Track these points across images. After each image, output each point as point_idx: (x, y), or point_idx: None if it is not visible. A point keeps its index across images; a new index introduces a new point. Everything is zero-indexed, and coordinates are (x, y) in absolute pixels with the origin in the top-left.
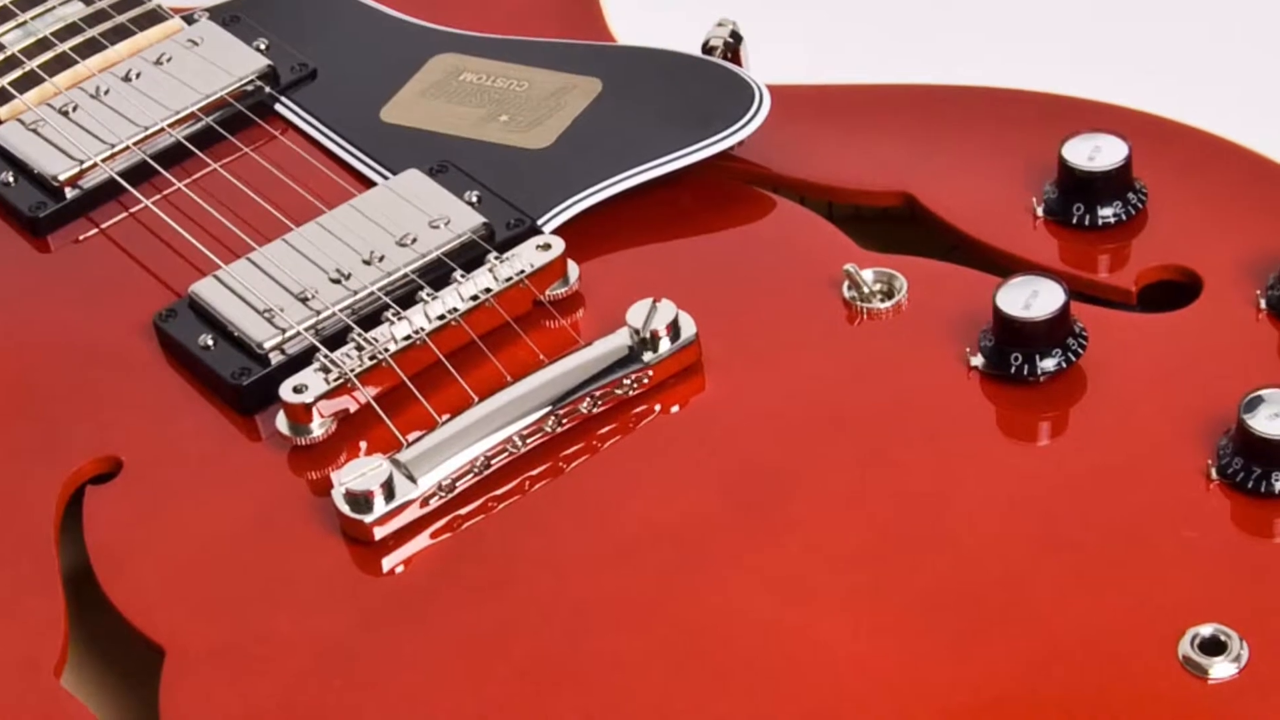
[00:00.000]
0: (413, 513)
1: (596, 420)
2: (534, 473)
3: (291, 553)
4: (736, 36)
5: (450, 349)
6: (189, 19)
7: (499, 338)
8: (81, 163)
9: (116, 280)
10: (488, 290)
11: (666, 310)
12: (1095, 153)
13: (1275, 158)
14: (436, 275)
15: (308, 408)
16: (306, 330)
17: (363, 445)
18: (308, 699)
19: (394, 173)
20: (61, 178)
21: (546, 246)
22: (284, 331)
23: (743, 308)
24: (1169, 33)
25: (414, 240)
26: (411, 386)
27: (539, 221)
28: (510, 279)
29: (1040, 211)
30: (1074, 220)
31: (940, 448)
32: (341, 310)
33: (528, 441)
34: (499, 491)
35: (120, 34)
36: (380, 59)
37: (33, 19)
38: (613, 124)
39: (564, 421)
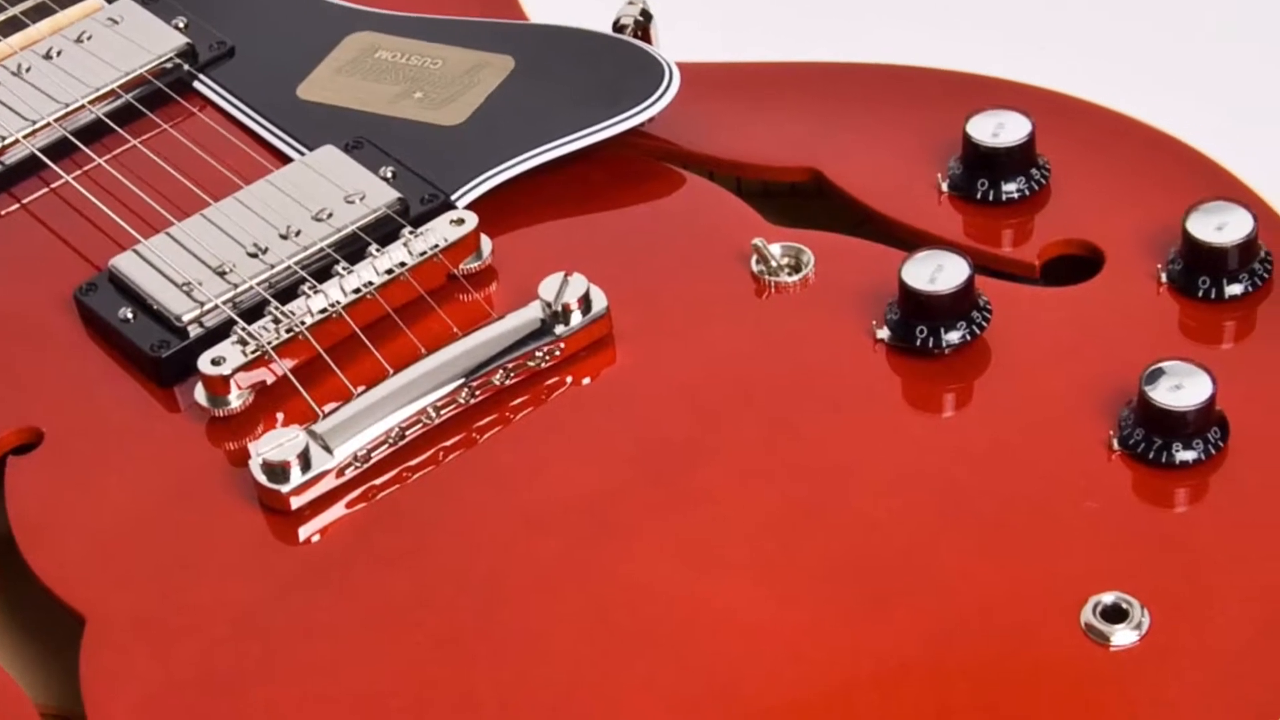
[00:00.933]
0: (329, 483)
1: (510, 392)
2: (448, 444)
3: (210, 522)
4: (647, 15)
5: (366, 322)
6: None
7: (414, 311)
8: (3, 139)
9: (38, 254)
10: (402, 264)
11: (578, 284)
12: (999, 129)
13: (1176, 133)
14: (352, 249)
15: (225, 379)
16: (224, 303)
17: (280, 416)
18: (225, 666)
19: (310, 149)
20: None
21: (460, 221)
22: (202, 305)
23: (653, 281)
24: (1070, 11)
25: (330, 215)
26: (328, 359)
27: (453, 197)
28: (424, 253)
29: (945, 187)
30: (978, 195)
31: (847, 419)
32: (259, 284)
33: (442, 413)
34: (414, 462)
35: (41, 12)
36: (297, 37)
37: None
38: (525, 101)
39: (477, 393)
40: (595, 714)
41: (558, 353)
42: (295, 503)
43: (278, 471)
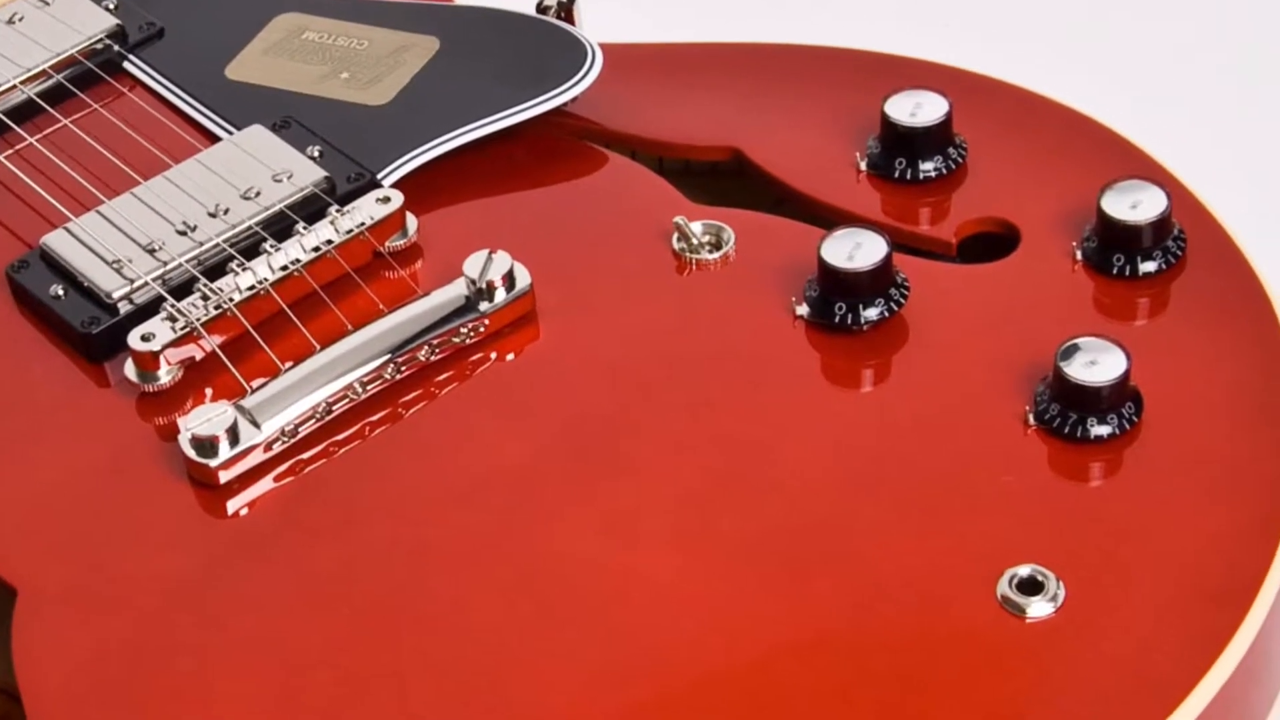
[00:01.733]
0: (257, 457)
1: (435, 368)
2: (374, 418)
3: (140, 496)
4: None
5: (293, 299)
6: None
7: (340, 288)
8: None
9: None
10: (329, 242)
11: (502, 261)
12: (916, 109)
13: (1091, 113)
14: (279, 227)
15: (155, 355)
16: (154, 280)
17: (208, 392)
18: (156, 638)
19: (238, 128)
20: None
21: (386, 200)
22: (132, 282)
23: (576, 258)
24: None
25: (257, 193)
26: (255, 335)
27: (379, 175)
28: (351, 231)
29: (863, 166)
30: (896, 174)
31: (767, 394)
32: (188, 261)
33: (368, 388)
34: (340, 437)
35: None
36: (225, 18)
37: None
38: (450, 81)
39: (403, 369)
40: (521, 684)
41: (482, 329)
42: (224, 477)
43: (206, 446)
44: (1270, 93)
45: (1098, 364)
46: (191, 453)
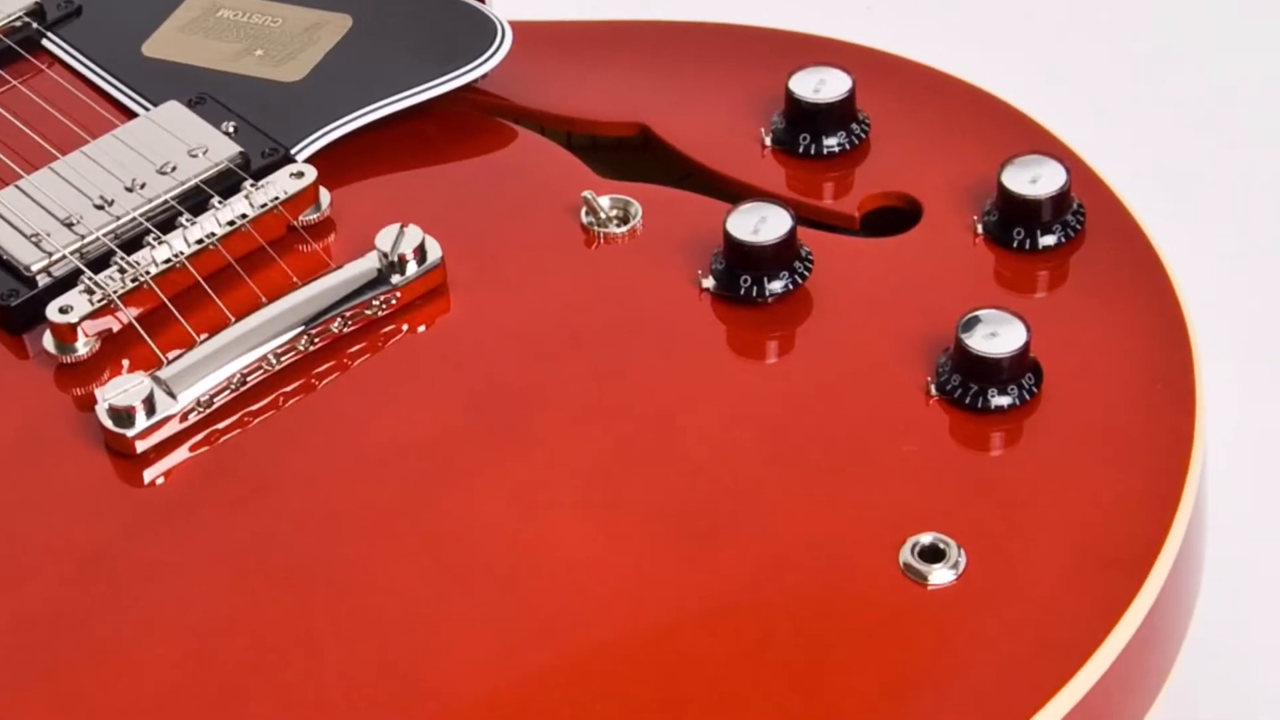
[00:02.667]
0: (173, 427)
1: (347, 339)
2: (288, 389)
3: (57, 465)
4: None
5: (208, 272)
6: None
7: (255, 261)
8: None
9: None
10: (244, 216)
11: (413, 235)
12: (820, 85)
13: (991, 90)
14: (195, 202)
15: (73, 327)
16: (72, 254)
17: (125, 363)
18: (73, 605)
19: (155, 104)
20: None
21: (299, 174)
22: (50, 255)
23: (486, 232)
24: None
25: (174, 168)
26: (171, 307)
27: (292, 151)
28: (265, 205)
29: (768, 141)
30: (800, 150)
31: (674, 365)
32: (105, 235)
33: (282, 360)
34: (255, 407)
35: None
36: None
37: None
38: (362, 58)
39: (316, 340)
40: (433, 651)
41: (394, 301)
42: (140, 446)
43: (123, 416)
44: (1169, 71)
45: (998, 335)
46: (109, 423)
